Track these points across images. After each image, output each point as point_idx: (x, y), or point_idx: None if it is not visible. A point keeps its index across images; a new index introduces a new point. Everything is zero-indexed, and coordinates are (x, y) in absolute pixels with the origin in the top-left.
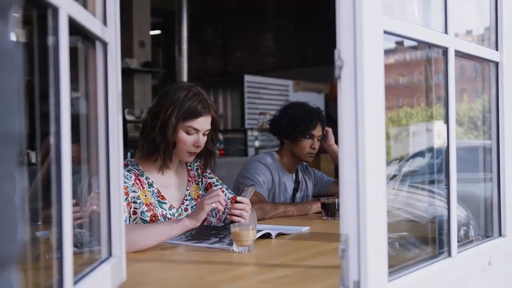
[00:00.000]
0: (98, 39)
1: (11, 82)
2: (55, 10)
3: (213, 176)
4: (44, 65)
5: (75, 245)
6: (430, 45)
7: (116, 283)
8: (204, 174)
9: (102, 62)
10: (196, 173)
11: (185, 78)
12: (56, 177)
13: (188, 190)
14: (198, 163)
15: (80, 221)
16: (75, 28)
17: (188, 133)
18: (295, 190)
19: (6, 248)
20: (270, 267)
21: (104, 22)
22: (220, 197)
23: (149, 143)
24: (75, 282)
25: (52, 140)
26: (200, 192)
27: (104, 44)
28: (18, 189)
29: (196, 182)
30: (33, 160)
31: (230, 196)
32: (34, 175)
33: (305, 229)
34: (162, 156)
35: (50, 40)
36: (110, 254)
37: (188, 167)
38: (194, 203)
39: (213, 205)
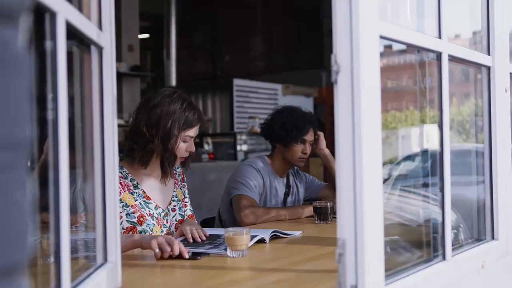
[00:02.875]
0: (94, 43)
1: (21, 89)
2: (53, 14)
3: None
4: (41, 69)
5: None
6: (425, 50)
7: None
8: (183, 183)
9: (98, 66)
10: (179, 178)
11: (173, 82)
12: (53, 183)
13: (175, 191)
14: (180, 170)
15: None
16: (71, 33)
17: (184, 141)
18: (286, 194)
19: (17, 255)
20: (265, 271)
21: (100, 26)
22: (173, 250)
23: (149, 153)
24: None
25: (50, 145)
26: (183, 196)
27: (100, 49)
28: (28, 196)
29: (180, 187)
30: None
31: (189, 213)
32: None
33: (298, 233)
34: (167, 166)
35: (48, 44)
36: (105, 259)
37: (173, 170)
38: (181, 204)
39: (157, 250)
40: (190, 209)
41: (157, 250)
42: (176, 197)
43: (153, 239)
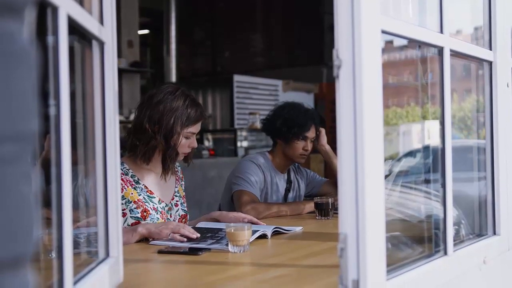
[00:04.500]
0: (95, 38)
1: (27, 82)
2: (55, 9)
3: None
4: (43, 64)
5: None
6: (426, 45)
7: (113, 284)
8: (182, 182)
9: (99, 62)
10: (180, 176)
11: (173, 78)
12: (56, 178)
13: (176, 187)
14: (180, 168)
15: None
16: (72, 27)
17: (187, 137)
18: (287, 190)
19: (23, 247)
20: (267, 267)
21: (101, 21)
22: (183, 231)
23: (151, 149)
24: (75, 283)
25: (52, 140)
26: (183, 193)
27: (101, 44)
28: (34, 188)
29: (180, 184)
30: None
31: (182, 213)
32: None
33: (299, 229)
34: (169, 162)
35: (49, 39)
36: (107, 254)
37: (174, 166)
38: (182, 200)
39: (170, 236)
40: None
41: (171, 236)
42: (178, 193)
43: (162, 229)
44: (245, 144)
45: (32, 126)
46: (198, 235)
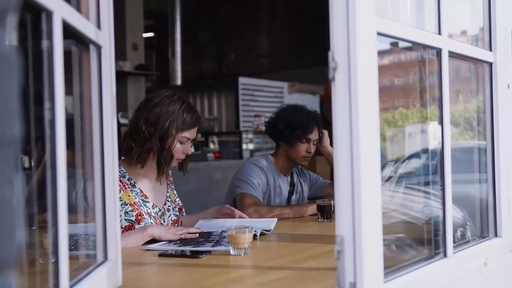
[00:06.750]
0: (92, 42)
1: (9, 86)
2: (49, 14)
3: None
4: (38, 69)
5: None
6: (424, 46)
7: (111, 287)
8: (172, 186)
9: (96, 65)
10: (170, 181)
11: (179, 81)
12: (51, 182)
13: (168, 192)
14: (170, 173)
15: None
16: (69, 32)
17: (181, 142)
18: (291, 193)
19: (5, 251)
20: (267, 269)
21: (98, 25)
22: (191, 230)
23: (146, 151)
24: (72, 286)
25: (47, 144)
26: (175, 197)
27: (98, 48)
28: (17, 192)
29: (171, 188)
30: (26, 165)
31: (174, 218)
32: (28, 180)
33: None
34: (164, 165)
35: (44, 43)
36: (105, 258)
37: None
38: (174, 205)
39: (182, 236)
40: (174, 214)
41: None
42: (170, 198)
43: (173, 233)
44: (250, 146)
45: (15, 131)
46: (203, 229)
